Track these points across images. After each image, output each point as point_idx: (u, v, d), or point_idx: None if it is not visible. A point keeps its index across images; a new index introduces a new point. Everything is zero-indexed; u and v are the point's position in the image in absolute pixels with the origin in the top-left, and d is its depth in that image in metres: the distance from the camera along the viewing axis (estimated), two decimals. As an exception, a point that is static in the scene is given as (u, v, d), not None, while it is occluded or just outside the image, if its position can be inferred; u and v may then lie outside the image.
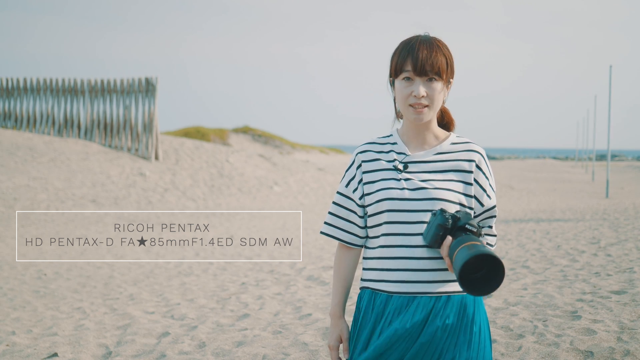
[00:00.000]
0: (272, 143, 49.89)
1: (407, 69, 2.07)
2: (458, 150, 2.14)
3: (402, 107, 2.12)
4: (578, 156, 68.27)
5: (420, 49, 2.07)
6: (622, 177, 37.84)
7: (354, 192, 2.17)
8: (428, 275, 2.06)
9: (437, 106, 2.11)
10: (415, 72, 2.06)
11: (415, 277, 2.06)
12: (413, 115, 2.10)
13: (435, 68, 2.06)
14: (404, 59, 2.08)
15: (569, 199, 20.71)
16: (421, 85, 2.07)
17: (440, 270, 2.06)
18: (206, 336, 4.80)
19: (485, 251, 1.85)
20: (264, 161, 22.33)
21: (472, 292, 1.88)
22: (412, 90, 2.07)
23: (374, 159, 2.16)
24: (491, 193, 2.13)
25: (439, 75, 2.07)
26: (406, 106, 2.10)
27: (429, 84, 2.07)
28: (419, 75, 2.07)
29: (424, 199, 2.06)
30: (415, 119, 2.10)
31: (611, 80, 22.76)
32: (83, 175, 16.92)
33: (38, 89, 21.39)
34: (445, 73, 2.09)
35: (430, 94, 2.07)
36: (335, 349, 2.22)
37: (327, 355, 4.20)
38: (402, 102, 2.11)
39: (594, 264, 6.55)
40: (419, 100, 2.07)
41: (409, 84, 2.08)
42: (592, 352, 3.82)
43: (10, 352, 4.62)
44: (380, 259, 2.11)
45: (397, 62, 2.10)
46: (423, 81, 2.07)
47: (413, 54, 2.06)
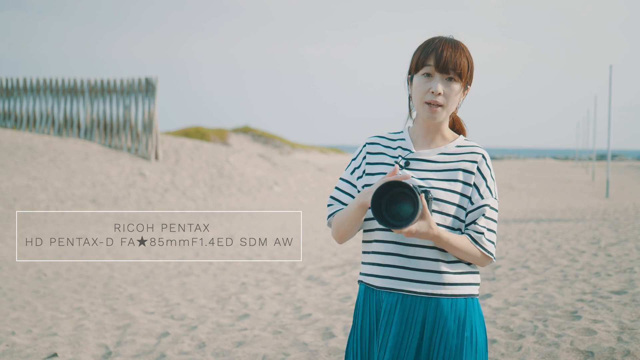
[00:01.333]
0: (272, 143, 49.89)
1: (428, 64, 2.07)
2: (462, 152, 2.13)
3: (417, 103, 2.11)
4: (578, 156, 68.28)
5: (445, 47, 2.07)
6: (622, 177, 37.83)
7: (357, 180, 2.19)
8: (420, 275, 2.06)
9: (452, 108, 2.11)
10: (437, 68, 2.06)
11: (406, 275, 2.06)
12: (427, 114, 2.09)
13: (458, 68, 2.07)
14: (426, 55, 2.08)
15: (569, 199, 20.71)
16: (440, 82, 2.07)
17: (434, 271, 2.06)
18: (206, 336, 4.80)
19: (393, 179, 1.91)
20: (264, 161, 22.33)
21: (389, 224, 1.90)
22: (431, 86, 2.07)
23: (379, 152, 2.18)
24: (485, 193, 2.09)
25: (459, 76, 2.08)
26: (422, 103, 2.10)
27: (447, 83, 2.08)
28: (440, 72, 2.07)
29: None
30: (429, 117, 2.10)
31: (611, 80, 22.76)
32: (83, 175, 16.92)
33: (38, 89, 21.38)
34: (466, 76, 2.09)
35: (448, 93, 2.07)
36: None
37: (327, 355, 4.20)
38: (418, 98, 2.10)
39: (594, 264, 6.55)
40: (436, 97, 2.07)
41: (428, 79, 2.08)
42: (592, 352, 3.82)
43: (10, 352, 4.62)
44: (375, 253, 2.12)
45: (420, 57, 2.10)
46: (443, 79, 2.07)
47: (437, 51, 2.07)
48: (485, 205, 2.08)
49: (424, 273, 2.06)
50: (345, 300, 5.73)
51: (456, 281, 2.07)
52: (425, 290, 2.05)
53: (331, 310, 5.38)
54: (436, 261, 2.06)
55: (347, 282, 6.67)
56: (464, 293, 2.08)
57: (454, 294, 2.06)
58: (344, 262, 7.90)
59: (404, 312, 2.06)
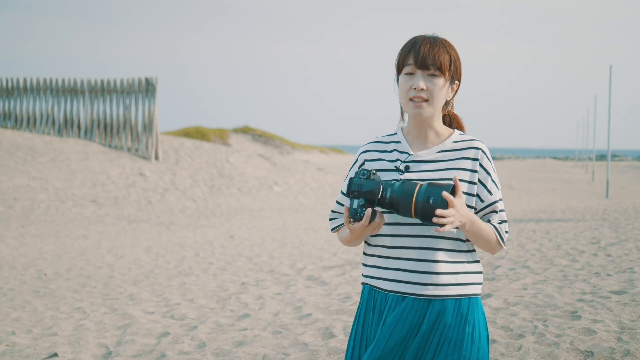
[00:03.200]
0: (272, 143, 49.90)
1: (409, 63, 2.10)
2: (460, 148, 2.13)
3: (403, 102, 2.13)
4: (578, 156, 68.28)
5: (423, 44, 2.09)
6: (622, 177, 37.84)
7: None
8: (425, 278, 2.06)
9: (438, 103, 2.11)
10: (416, 65, 2.08)
11: (410, 278, 2.07)
12: (412, 110, 2.10)
13: (437, 63, 2.08)
14: (406, 54, 2.11)
15: (569, 199, 20.71)
16: (421, 78, 2.08)
17: (438, 273, 2.06)
18: (206, 336, 4.80)
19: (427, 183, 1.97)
20: (264, 161, 22.34)
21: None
22: (412, 83, 2.09)
23: (377, 159, 2.18)
24: (492, 189, 2.12)
25: (440, 71, 2.08)
26: (406, 100, 2.11)
27: (430, 79, 2.09)
28: (420, 69, 2.08)
29: None
30: (414, 113, 2.10)
31: (611, 80, 22.76)
32: (83, 175, 16.92)
33: (38, 89, 21.39)
34: (448, 71, 2.10)
35: (431, 88, 2.08)
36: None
37: (327, 355, 4.20)
38: (403, 96, 2.12)
39: (594, 264, 6.55)
40: (419, 93, 2.08)
41: (410, 78, 2.10)
42: (592, 352, 3.82)
43: (10, 352, 4.62)
44: (378, 257, 2.13)
45: (401, 57, 2.13)
46: (424, 75, 2.09)
47: (415, 48, 2.09)
48: (495, 201, 2.12)
49: (428, 275, 2.06)
50: (346, 300, 5.74)
51: (460, 281, 2.08)
52: (431, 292, 2.06)
53: (331, 310, 5.38)
54: (440, 263, 2.06)
55: (347, 282, 6.67)
56: (467, 293, 2.09)
57: (458, 294, 2.07)
58: (344, 262, 7.90)
59: (409, 314, 2.06)
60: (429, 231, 2.06)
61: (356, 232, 2.06)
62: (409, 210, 1.97)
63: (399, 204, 1.98)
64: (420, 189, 1.96)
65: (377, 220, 2.04)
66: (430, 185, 1.96)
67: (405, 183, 1.99)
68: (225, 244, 10.32)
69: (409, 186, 1.97)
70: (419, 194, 1.95)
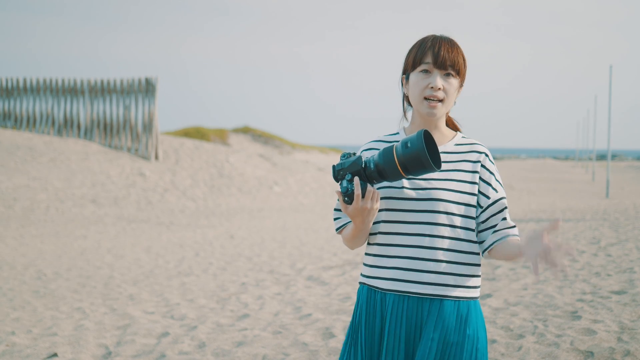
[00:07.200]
0: (272, 143, 49.89)
1: (426, 61, 2.08)
2: (463, 151, 2.13)
3: (416, 100, 2.10)
4: (578, 156, 68.28)
5: (442, 45, 2.08)
6: (622, 177, 37.84)
7: None
8: (425, 277, 2.06)
9: (450, 104, 2.11)
10: (435, 64, 2.07)
11: (409, 277, 2.06)
12: (426, 110, 2.09)
13: (456, 65, 2.08)
14: (423, 52, 2.09)
15: (569, 199, 20.71)
16: (439, 77, 2.07)
17: (439, 273, 2.06)
18: (206, 336, 4.80)
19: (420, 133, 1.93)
20: (264, 161, 22.34)
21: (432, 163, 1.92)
22: (430, 81, 2.07)
23: None
24: (497, 186, 2.11)
25: (457, 73, 2.09)
26: (421, 99, 2.09)
27: (446, 79, 2.08)
28: (438, 68, 2.07)
29: (423, 199, 2.06)
30: (428, 113, 2.09)
31: (611, 80, 22.76)
32: (83, 175, 16.92)
33: (38, 89, 21.39)
34: (462, 73, 2.11)
35: (447, 88, 2.08)
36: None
37: (327, 355, 4.20)
38: (417, 95, 2.09)
39: (594, 264, 6.55)
40: (436, 92, 2.07)
41: (426, 75, 2.08)
42: (592, 353, 3.82)
43: (10, 352, 4.62)
44: (377, 256, 2.12)
45: (416, 54, 2.10)
46: (441, 74, 2.08)
47: (434, 48, 2.08)
48: (503, 197, 2.11)
49: (429, 275, 2.06)
50: (345, 300, 5.73)
51: (460, 284, 2.07)
52: (431, 291, 2.06)
53: (331, 310, 5.38)
54: (441, 263, 2.06)
55: (347, 282, 6.67)
56: (467, 296, 2.08)
57: (458, 296, 2.07)
58: (344, 262, 7.90)
59: (410, 314, 2.06)
60: (428, 230, 2.06)
61: (356, 214, 1.98)
62: (396, 169, 1.93)
63: (385, 169, 1.94)
64: (397, 145, 1.94)
65: (371, 190, 1.96)
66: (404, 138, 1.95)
67: (385, 149, 1.96)
68: (225, 244, 10.32)
69: (388, 149, 1.95)
70: (397, 149, 1.92)
